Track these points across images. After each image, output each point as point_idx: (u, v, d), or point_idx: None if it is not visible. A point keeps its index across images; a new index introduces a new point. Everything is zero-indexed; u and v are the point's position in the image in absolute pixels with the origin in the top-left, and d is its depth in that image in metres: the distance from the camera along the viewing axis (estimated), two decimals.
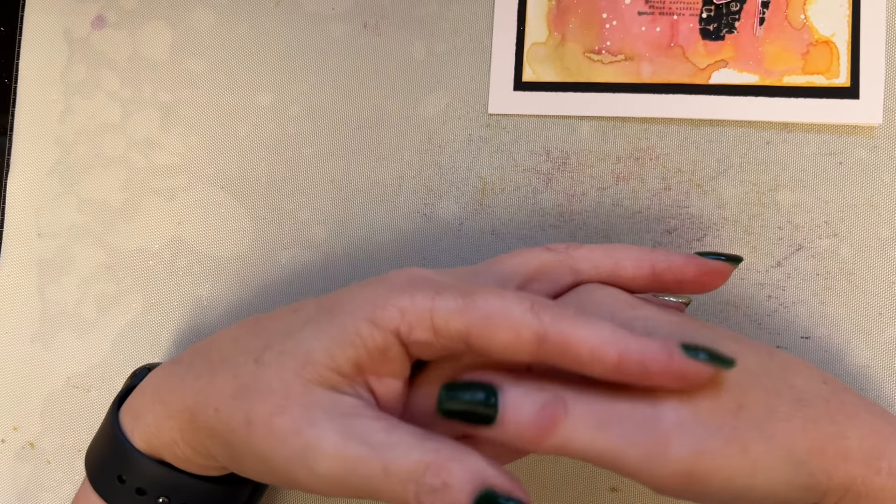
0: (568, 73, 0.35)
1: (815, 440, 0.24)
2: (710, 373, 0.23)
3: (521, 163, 0.35)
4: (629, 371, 0.23)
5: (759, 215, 0.33)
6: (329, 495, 0.24)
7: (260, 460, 0.25)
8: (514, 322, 0.23)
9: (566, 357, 0.23)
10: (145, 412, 0.28)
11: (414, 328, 0.24)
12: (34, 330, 0.39)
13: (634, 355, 0.23)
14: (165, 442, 0.28)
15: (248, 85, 0.38)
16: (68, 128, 0.39)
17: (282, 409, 0.24)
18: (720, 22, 0.34)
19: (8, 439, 0.38)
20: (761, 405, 0.24)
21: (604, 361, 0.23)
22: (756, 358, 0.26)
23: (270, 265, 0.37)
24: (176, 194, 0.38)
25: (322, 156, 0.37)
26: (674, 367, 0.23)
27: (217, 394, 0.26)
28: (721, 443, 0.23)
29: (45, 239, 0.39)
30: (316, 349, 0.24)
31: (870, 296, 0.32)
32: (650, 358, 0.23)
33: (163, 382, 0.28)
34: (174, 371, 0.28)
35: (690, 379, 0.23)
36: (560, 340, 0.23)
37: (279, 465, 0.24)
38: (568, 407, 0.23)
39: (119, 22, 0.39)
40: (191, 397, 0.26)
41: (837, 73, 0.33)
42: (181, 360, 0.28)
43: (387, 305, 0.24)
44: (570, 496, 0.34)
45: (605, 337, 0.23)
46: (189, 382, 0.27)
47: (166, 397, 0.27)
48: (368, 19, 0.37)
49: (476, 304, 0.24)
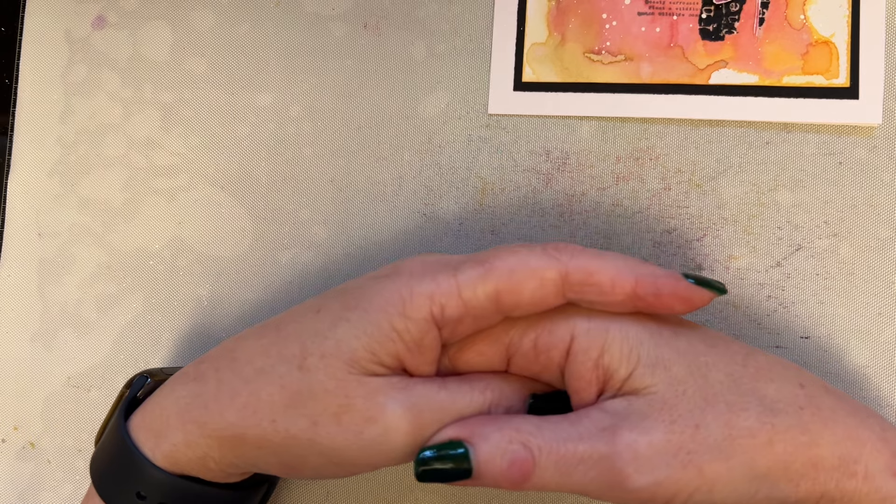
0: (568, 74, 0.35)
1: (782, 454, 0.25)
2: (710, 296, 0.26)
3: (520, 163, 0.35)
4: (644, 294, 0.25)
5: (758, 215, 0.33)
6: (408, 461, 0.26)
7: (328, 459, 0.26)
8: (535, 269, 0.25)
9: (589, 288, 0.25)
10: (172, 432, 0.28)
11: (446, 307, 0.25)
12: (34, 330, 0.39)
13: (648, 279, 0.25)
14: (195, 458, 0.28)
15: (248, 85, 0.38)
16: (69, 128, 0.39)
17: (346, 406, 0.25)
18: (720, 22, 0.34)
19: (8, 439, 0.38)
20: (721, 423, 0.25)
21: (623, 286, 0.25)
22: (725, 370, 0.26)
23: (270, 265, 0.37)
24: (176, 194, 0.38)
25: (322, 156, 0.37)
26: (680, 290, 0.25)
27: (268, 407, 0.26)
28: (676, 470, 0.24)
29: (46, 239, 0.39)
30: (357, 348, 0.26)
31: (869, 295, 0.32)
32: (661, 282, 0.25)
33: (191, 403, 0.28)
34: (201, 391, 0.28)
35: (694, 301, 0.26)
36: (582, 273, 0.25)
37: (353, 456, 0.26)
38: (535, 458, 0.24)
39: (119, 22, 0.39)
40: (234, 415, 0.27)
41: (837, 74, 0.33)
42: (205, 377, 0.28)
43: (414, 295, 0.25)
44: (570, 496, 0.34)
45: (620, 265, 0.25)
46: (226, 401, 0.27)
47: (200, 418, 0.27)
48: (368, 20, 0.37)
49: (496, 266, 0.25)
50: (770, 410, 0.25)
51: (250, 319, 0.37)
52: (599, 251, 0.26)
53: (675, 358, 0.26)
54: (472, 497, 0.35)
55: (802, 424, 0.25)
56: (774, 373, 0.27)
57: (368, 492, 0.35)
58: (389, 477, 0.35)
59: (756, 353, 0.27)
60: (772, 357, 0.27)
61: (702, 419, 0.25)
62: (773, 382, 0.26)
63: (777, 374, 0.27)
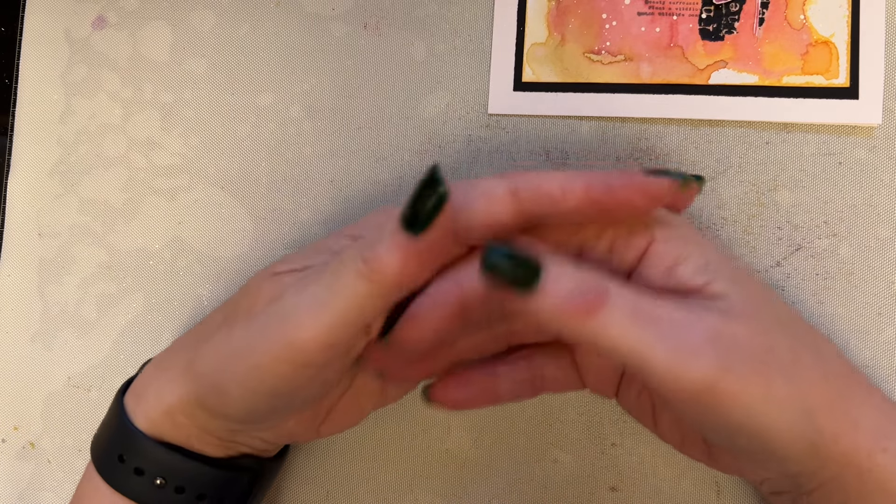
0: (567, 74, 0.35)
1: (832, 395, 0.25)
2: (674, 185, 0.24)
3: (520, 163, 0.35)
4: (597, 195, 0.24)
5: (758, 215, 0.33)
6: (320, 356, 0.24)
7: (245, 367, 0.25)
8: (483, 188, 0.25)
9: (540, 201, 0.24)
10: (147, 389, 0.30)
11: None
12: (35, 330, 0.39)
13: (598, 180, 0.24)
14: (164, 412, 0.29)
15: (248, 85, 0.38)
16: (69, 128, 0.39)
17: (256, 297, 0.27)
18: (720, 22, 0.34)
19: (8, 439, 0.38)
20: (788, 351, 0.25)
21: (575, 192, 0.24)
22: (791, 315, 0.28)
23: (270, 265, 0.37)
24: (176, 194, 0.38)
25: (322, 156, 0.37)
26: (636, 183, 0.24)
27: (207, 333, 0.29)
28: (748, 369, 0.23)
29: (46, 239, 0.39)
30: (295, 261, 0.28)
31: (869, 295, 0.32)
32: (614, 180, 0.24)
33: (161, 356, 0.31)
34: (171, 348, 0.31)
35: (655, 193, 0.24)
36: (531, 187, 0.24)
37: (265, 358, 0.25)
38: (610, 295, 0.22)
39: (120, 22, 0.39)
40: (184, 354, 0.29)
41: (837, 74, 0.33)
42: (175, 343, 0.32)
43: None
44: (570, 497, 0.34)
45: (571, 175, 0.25)
46: (181, 342, 0.31)
47: (163, 363, 0.30)
48: (368, 20, 0.37)
49: (453, 194, 0.24)
50: (824, 359, 0.26)
51: None
52: (550, 171, 0.25)
53: (751, 285, 0.26)
54: (473, 497, 0.35)
55: (847, 385, 0.26)
56: (823, 338, 0.29)
57: (368, 492, 0.36)
58: (390, 477, 0.35)
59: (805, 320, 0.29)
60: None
61: (773, 340, 0.24)
62: (824, 343, 0.28)
63: (825, 339, 0.29)
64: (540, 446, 0.34)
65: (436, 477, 0.35)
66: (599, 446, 0.34)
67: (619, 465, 0.34)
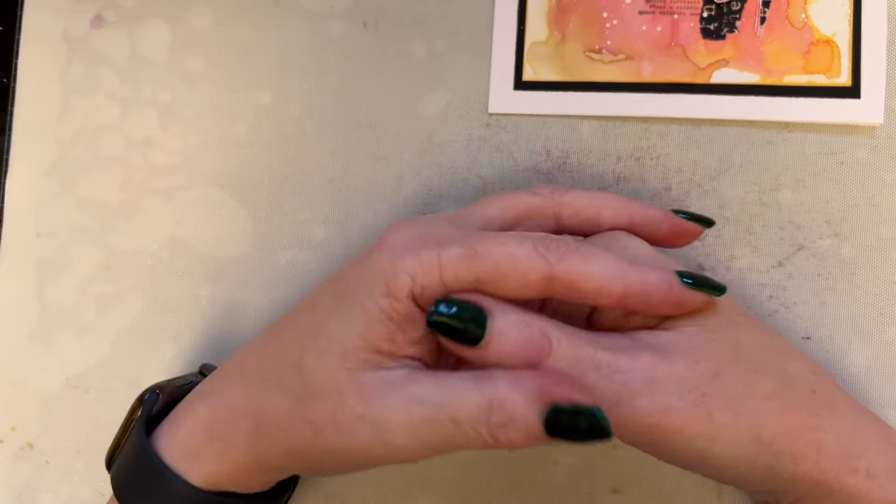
0: (568, 73, 0.35)
1: (789, 426, 0.25)
2: (705, 300, 0.25)
3: (521, 162, 0.35)
4: (633, 303, 0.24)
5: (760, 215, 0.33)
6: (419, 459, 0.25)
7: (340, 458, 0.25)
8: (521, 267, 0.24)
9: (572, 293, 0.24)
10: (203, 451, 0.28)
11: (426, 288, 0.24)
12: (33, 330, 0.39)
13: (637, 287, 0.24)
14: (228, 472, 0.28)
15: (247, 84, 0.38)
16: (67, 127, 0.39)
17: (339, 404, 0.25)
18: (721, 21, 0.34)
19: (6, 440, 0.38)
20: (740, 379, 0.25)
21: (610, 295, 0.24)
22: (754, 336, 0.26)
23: (270, 265, 0.37)
24: (175, 194, 0.38)
25: (322, 155, 0.37)
26: (673, 296, 0.25)
27: (276, 414, 0.26)
28: (688, 405, 0.24)
29: (44, 239, 0.39)
30: (349, 339, 0.25)
31: (871, 296, 0.32)
32: (652, 289, 0.24)
33: (215, 417, 0.28)
34: (220, 403, 0.28)
35: (688, 305, 0.25)
36: (566, 279, 0.24)
37: (360, 454, 0.25)
38: (552, 347, 0.23)
39: (118, 21, 0.39)
40: (250, 426, 0.27)
41: (838, 73, 0.33)
42: (220, 391, 0.28)
43: (397, 273, 0.24)
44: (571, 499, 0.34)
45: (609, 272, 0.24)
46: (242, 411, 0.27)
47: (224, 432, 0.28)
48: (368, 18, 0.37)
49: (481, 253, 0.24)
50: (787, 384, 0.26)
51: (250, 319, 0.37)
52: (592, 250, 0.25)
53: (712, 311, 0.26)
54: (473, 497, 0.35)
55: (813, 406, 0.26)
56: (795, 355, 0.27)
57: (368, 492, 0.35)
58: (389, 477, 0.35)
59: (782, 338, 0.28)
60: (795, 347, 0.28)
61: (723, 369, 0.24)
62: (793, 361, 0.27)
63: (796, 357, 0.27)
64: (541, 448, 0.34)
65: (436, 478, 0.35)
66: (601, 448, 0.34)
67: (620, 466, 0.34)
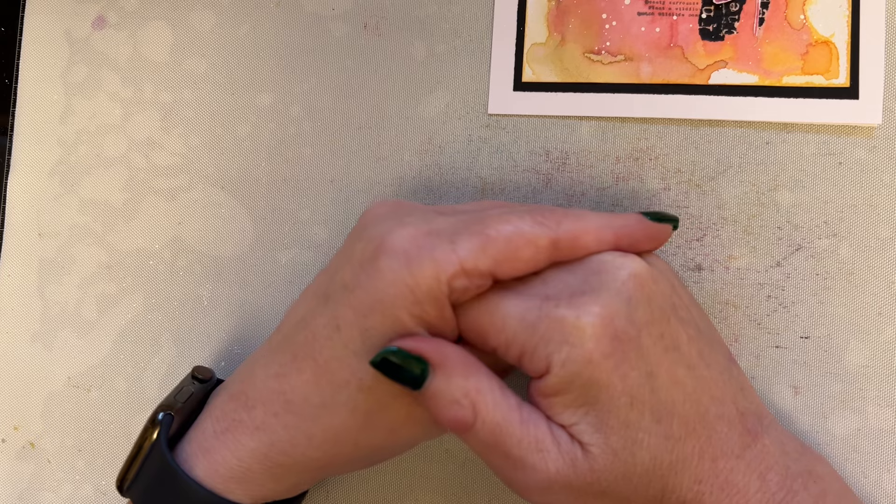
0: (567, 74, 0.35)
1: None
2: (668, 230, 0.29)
3: (520, 163, 0.35)
4: (623, 245, 0.28)
5: (758, 215, 0.33)
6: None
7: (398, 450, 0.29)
8: (530, 238, 0.26)
9: (577, 250, 0.27)
10: (259, 478, 0.29)
11: (452, 283, 0.26)
12: (35, 330, 0.39)
13: (623, 230, 0.28)
14: (285, 490, 0.30)
15: (248, 85, 0.38)
16: (69, 128, 0.39)
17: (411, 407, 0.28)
18: (720, 22, 0.34)
19: (8, 439, 0.38)
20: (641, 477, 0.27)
21: (607, 243, 0.27)
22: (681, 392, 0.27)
23: (270, 265, 0.37)
24: (176, 194, 0.38)
25: (322, 156, 0.37)
26: (649, 231, 0.28)
27: (346, 434, 0.28)
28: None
29: (46, 239, 0.39)
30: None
31: (869, 295, 0.32)
32: (633, 229, 0.28)
33: (269, 452, 0.29)
34: (273, 439, 0.29)
35: (661, 237, 0.29)
36: (569, 238, 0.27)
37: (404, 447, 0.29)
38: (476, 421, 0.26)
39: (120, 22, 0.39)
40: (316, 451, 0.28)
41: (837, 74, 0.33)
42: (269, 426, 0.29)
43: (419, 282, 0.25)
44: None
45: (599, 224, 0.27)
46: (304, 442, 0.28)
47: (285, 462, 0.29)
48: (368, 20, 0.37)
49: (492, 236, 0.26)
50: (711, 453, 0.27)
51: (250, 319, 0.37)
52: (578, 212, 0.28)
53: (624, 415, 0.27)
54: (473, 497, 0.35)
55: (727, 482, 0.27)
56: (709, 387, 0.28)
57: (368, 492, 0.36)
58: (390, 477, 0.35)
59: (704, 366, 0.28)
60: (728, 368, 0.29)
61: (624, 478, 0.26)
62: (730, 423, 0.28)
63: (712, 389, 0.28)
64: None
65: (436, 477, 0.35)
66: None
67: None
